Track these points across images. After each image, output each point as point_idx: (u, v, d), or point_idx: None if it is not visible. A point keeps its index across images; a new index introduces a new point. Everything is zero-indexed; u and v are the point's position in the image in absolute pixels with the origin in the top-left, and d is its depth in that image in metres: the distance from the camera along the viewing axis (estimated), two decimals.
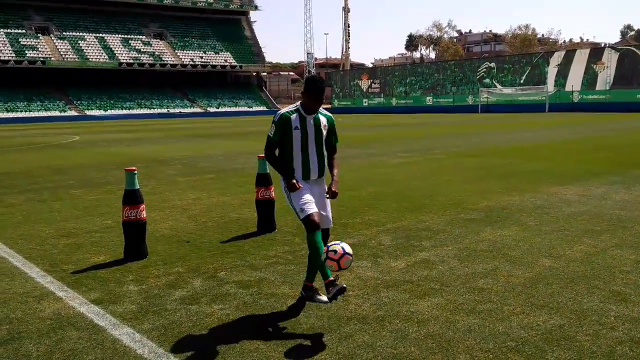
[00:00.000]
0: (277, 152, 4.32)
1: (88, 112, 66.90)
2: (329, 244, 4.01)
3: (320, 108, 4.30)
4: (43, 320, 4.10)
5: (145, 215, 5.73)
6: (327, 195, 4.29)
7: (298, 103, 4.27)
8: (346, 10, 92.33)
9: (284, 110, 4.25)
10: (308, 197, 4.16)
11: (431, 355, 3.40)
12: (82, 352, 3.56)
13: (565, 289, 4.47)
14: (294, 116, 4.16)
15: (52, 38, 71.32)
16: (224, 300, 4.44)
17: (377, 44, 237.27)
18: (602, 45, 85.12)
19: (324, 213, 4.30)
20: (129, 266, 5.43)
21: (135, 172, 5.62)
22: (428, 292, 4.48)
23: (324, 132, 4.27)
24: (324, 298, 4.20)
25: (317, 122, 4.22)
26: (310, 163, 4.22)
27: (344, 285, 3.87)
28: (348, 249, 3.94)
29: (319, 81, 4.16)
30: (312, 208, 4.12)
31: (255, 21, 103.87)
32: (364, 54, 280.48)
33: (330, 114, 4.39)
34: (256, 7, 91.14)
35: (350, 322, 3.94)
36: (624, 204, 7.81)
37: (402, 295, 4.43)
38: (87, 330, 3.91)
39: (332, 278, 3.95)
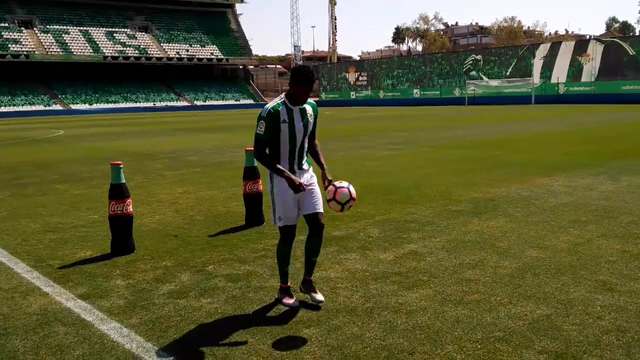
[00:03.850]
0: (267, 150, 4.09)
1: (73, 106, 66.26)
2: (335, 183, 4.13)
3: None
4: (29, 316, 4.07)
5: (131, 210, 5.69)
6: (326, 186, 4.18)
7: (282, 95, 4.09)
8: (333, 2, 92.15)
9: (270, 105, 4.03)
10: (292, 206, 4.08)
11: (420, 346, 3.41)
12: (70, 348, 3.53)
13: (552, 279, 4.51)
14: (281, 109, 3.98)
15: (36, 31, 70.44)
16: (212, 294, 4.43)
17: (364, 37, 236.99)
18: (587, 37, 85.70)
19: (314, 200, 4.16)
20: (116, 261, 5.39)
21: (121, 166, 5.58)
22: (416, 284, 4.50)
23: (311, 122, 4.13)
24: (319, 296, 4.15)
25: (303, 112, 4.06)
26: (297, 154, 4.08)
27: (295, 303, 4.14)
28: (352, 191, 4.12)
29: (310, 72, 3.98)
30: (293, 220, 4.10)
31: (241, 14, 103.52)
32: (351, 46, 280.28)
33: (313, 102, 4.23)
34: (242, 0, 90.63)
35: (339, 314, 3.95)
36: (609, 195, 7.88)
37: (390, 287, 4.44)
38: (74, 325, 3.88)
39: (288, 285, 4.25)
